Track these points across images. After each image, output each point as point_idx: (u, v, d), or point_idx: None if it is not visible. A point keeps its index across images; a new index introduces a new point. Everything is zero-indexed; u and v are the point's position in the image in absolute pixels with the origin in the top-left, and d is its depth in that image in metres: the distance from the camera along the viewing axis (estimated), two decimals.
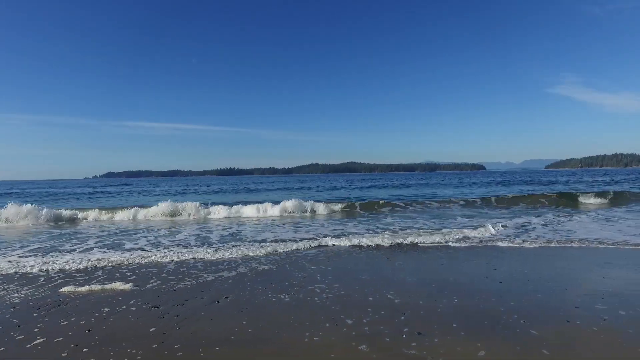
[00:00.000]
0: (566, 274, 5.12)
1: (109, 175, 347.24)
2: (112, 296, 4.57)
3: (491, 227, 8.62)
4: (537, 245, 7.04)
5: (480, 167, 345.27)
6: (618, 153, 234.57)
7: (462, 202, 15.38)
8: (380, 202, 15.03)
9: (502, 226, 9.10)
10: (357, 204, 14.84)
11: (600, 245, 6.92)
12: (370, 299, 4.27)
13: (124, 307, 4.16)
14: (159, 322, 3.67)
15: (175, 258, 6.49)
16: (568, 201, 15.66)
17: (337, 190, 28.13)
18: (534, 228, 9.04)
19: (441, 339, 3.14)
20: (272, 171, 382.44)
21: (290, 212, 13.03)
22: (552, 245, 7.03)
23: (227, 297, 4.44)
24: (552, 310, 3.77)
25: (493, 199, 15.83)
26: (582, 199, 15.62)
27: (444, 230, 8.78)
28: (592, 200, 15.31)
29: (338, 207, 13.87)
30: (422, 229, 9.35)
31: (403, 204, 14.96)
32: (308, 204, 13.44)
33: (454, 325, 3.43)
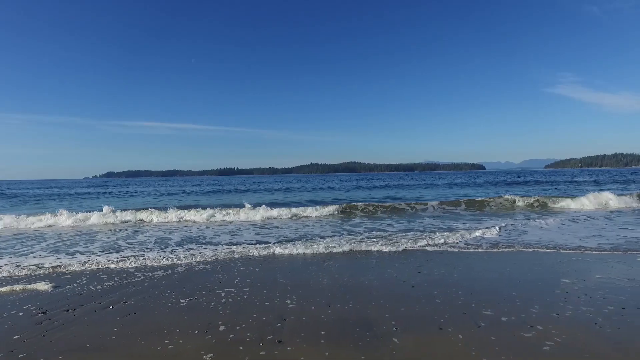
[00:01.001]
0: (481, 280, 5.03)
1: (109, 174, 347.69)
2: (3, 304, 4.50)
3: (449, 234, 8.53)
4: (481, 250, 6.92)
5: (480, 167, 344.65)
6: (618, 153, 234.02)
7: (433, 205, 15.22)
8: (357, 204, 14.80)
9: (465, 230, 9.03)
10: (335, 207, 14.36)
11: (540, 249, 6.82)
12: (267, 303, 4.20)
13: (13, 312, 4.10)
14: (30, 328, 3.61)
15: (111, 265, 6.43)
16: (542, 204, 15.55)
17: (324, 192, 27.94)
18: (489, 232, 8.93)
19: (297, 347, 3.07)
20: (272, 171, 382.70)
21: (265, 216, 12.69)
22: (494, 250, 6.90)
23: (125, 302, 4.37)
24: (433, 317, 3.68)
25: (462, 202, 15.70)
26: (555, 203, 15.48)
27: (403, 237, 8.68)
28: (563, 204, 15.18)
29: (312, 210, 13.46)
30: (384, 232, 9.27)
31: (372, 207, 14.82)
32: (275, 211, 12.79)
33: (322, 332, 3.36)
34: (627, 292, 4.27)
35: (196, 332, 3.44)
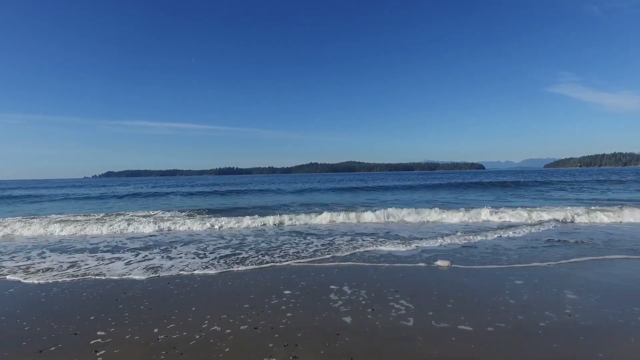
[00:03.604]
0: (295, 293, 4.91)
1: (109, 174, 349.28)
2: None
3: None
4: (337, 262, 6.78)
5: (480, 167, 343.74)
6: (617, 152, 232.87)
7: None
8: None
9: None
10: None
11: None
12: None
13: None
14: None
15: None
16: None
17: (302, 194, 27.62)
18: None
19: None
20: (271, 170, 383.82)
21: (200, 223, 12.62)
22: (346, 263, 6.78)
23: None
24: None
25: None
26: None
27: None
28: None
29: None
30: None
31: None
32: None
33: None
34: None
35: None
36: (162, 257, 7.01)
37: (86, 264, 6.56)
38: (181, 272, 5.78)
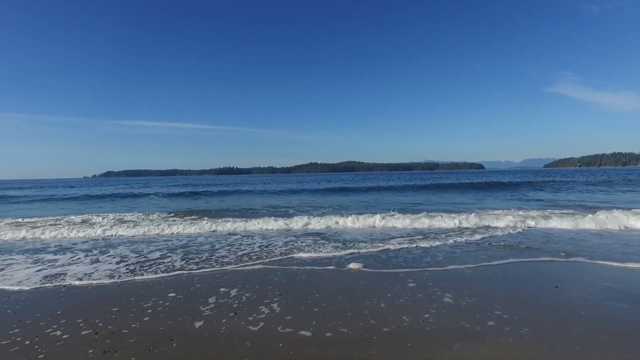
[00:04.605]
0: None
1: (108, 174, 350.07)
2: None
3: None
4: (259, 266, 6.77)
5: (479, 167, 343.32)
6: (617, 152, 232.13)
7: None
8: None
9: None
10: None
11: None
12: None
13: None
14: None
15: None
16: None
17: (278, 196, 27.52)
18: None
19: None
20: (271, 170, 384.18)
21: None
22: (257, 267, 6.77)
23: None
24: None
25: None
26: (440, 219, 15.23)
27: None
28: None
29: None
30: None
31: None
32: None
33: None
34: None
35: None
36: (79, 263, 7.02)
37: None
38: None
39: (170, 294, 4.75)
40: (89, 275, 5.79)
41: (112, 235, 9.71)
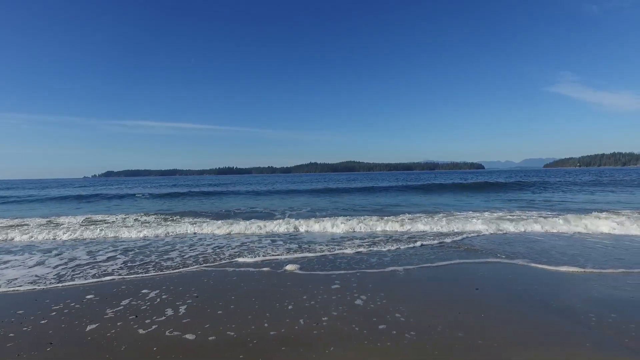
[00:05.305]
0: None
1: (108, 174, 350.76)
2: None
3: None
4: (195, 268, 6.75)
5: (479, 167, 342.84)
6: (616, 152, 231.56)
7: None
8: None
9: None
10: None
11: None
12: None
13: None
14: None
15: None
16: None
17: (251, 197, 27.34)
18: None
19: None
20: (271, 170, 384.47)
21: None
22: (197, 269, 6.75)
23: None
24: None
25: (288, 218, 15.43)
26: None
27: None
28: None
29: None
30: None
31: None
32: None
33: None
34: None
35: None
36: None
37: None
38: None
39: (87, 297, 4.74)
40: (13, 282, 5.64)
41: (69, 239, 9.52)
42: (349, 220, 10.75)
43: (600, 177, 39.91)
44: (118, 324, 3.78)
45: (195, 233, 10.04)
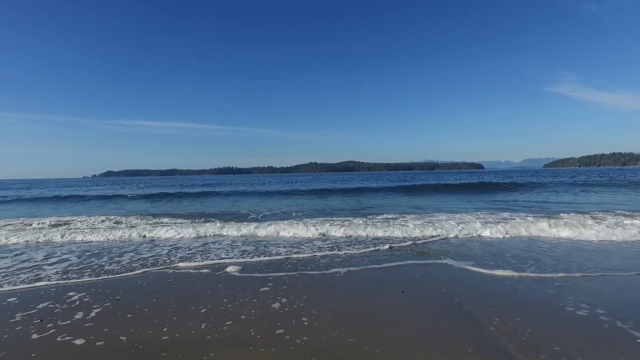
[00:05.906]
0: None
1: (108, 174, 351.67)
2: None
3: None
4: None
5: (479, 166, 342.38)
6: (616, 152, 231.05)
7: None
8: None
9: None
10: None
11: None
12: None
13: None
14: None
15: None
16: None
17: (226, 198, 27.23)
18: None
19: None
20: (271, 170, 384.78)
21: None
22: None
23: None
24: None
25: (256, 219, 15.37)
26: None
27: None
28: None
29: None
30: None
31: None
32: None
33: None
34: None
35: None
36: None
37: None
38: None
39: (8, 300, 4.70)
40: None
41: (23, 241, 9.40)
42: (323, 222, 10.70)
43: (594, 177, 39.78)
44: (17, 328, 3.73)
45: (159, 237, 9.99)
